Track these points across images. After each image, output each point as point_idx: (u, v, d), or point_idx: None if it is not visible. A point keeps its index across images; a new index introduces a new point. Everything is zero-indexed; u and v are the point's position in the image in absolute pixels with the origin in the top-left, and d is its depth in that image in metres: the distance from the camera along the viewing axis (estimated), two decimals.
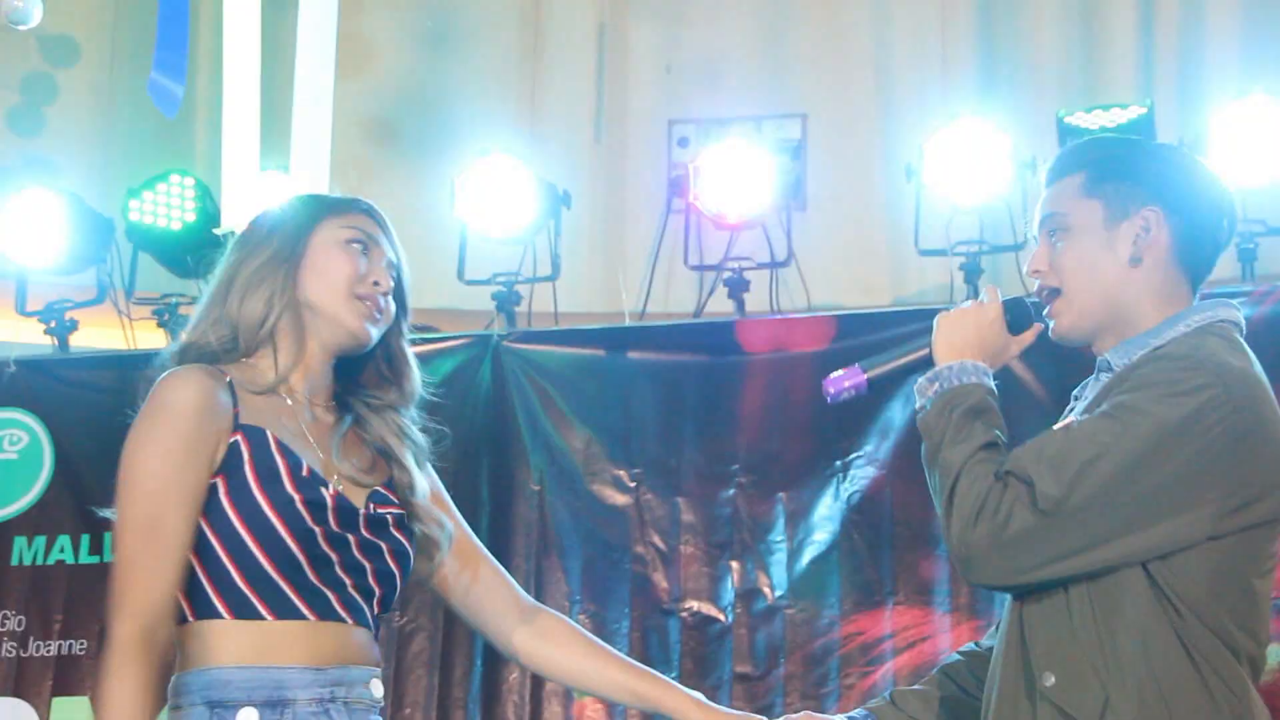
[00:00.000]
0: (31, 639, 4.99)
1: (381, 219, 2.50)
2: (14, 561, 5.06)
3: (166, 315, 5.37)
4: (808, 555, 4.64)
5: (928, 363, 2.46)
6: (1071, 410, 2.49)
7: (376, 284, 2.40)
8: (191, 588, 2.28)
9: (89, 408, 5.14)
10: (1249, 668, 2.30)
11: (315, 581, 2.30)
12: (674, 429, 4.84)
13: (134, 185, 5.42)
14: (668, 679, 2.60)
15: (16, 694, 4.94)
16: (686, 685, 4.49)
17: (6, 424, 5.19)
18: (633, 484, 4.80)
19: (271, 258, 2.39)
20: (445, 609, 2.58)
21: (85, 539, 5.02)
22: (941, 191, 5.04)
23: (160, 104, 4.52)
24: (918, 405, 2.41)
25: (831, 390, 2.53)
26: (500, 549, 4.70)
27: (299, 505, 2.28)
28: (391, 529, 2.39)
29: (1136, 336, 2.37)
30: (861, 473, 4.65)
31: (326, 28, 4.31)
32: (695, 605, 4.68)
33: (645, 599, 4.70)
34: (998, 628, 2.51)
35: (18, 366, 5.25)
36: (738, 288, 5.16)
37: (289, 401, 2.39)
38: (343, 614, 2.32)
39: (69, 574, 5.01)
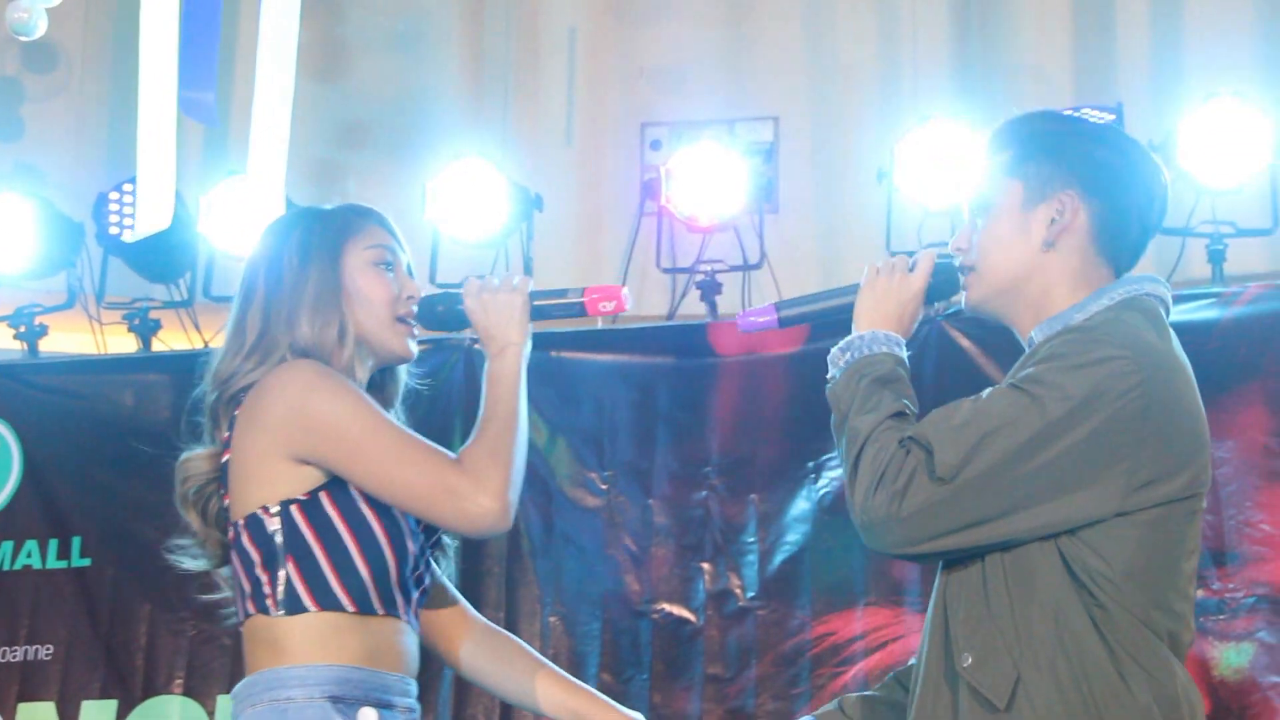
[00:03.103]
0: None
1: (386, 221, 2.59)
2: None
3: (137, 320, 5.36)
4: (779, 556, 4.64)
5: (844, 314, 2.44)
6: None
7: (410, 297, 2.52)
8: (312, 578, 2.34)
9: (58, 412, 5.13)
10: (1171, 647, 2.24)
11: (408, 584, 2.41)
12: (646, 431, 4.83)
13: (104, 190, 5.41)
14: (605, 700, 2.63)
15: None
16: (658, 687, 4.57)
17: None
18: (605, 486, 4.80)
19: (321, 289, 2.45)
20: None
21: (53, 544, 4.99)
22: (913, 193, 5.06)
23: (198, 118, 4.49)
24: (829, 375, 2.37)
25: (741, 324, 2.53)
26: (472, 552, 4.70)
27: (396, 512, 2.40)
28: (432, 545, 2.52)
29: (1060, 313, 2.34)
30: (834, 474, 4.65)
31: (288, 30, 4.29)
32: (667, 607, 4.68)
33: (617, 601, 4.70)
34: None
35: None
36: (710, 290, 5.16)
37: None
38: (413, 620, 2.45)
39: (36, 580, 4.98)
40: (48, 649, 4.93)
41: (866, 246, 5.50)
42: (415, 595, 2.46)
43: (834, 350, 2.38)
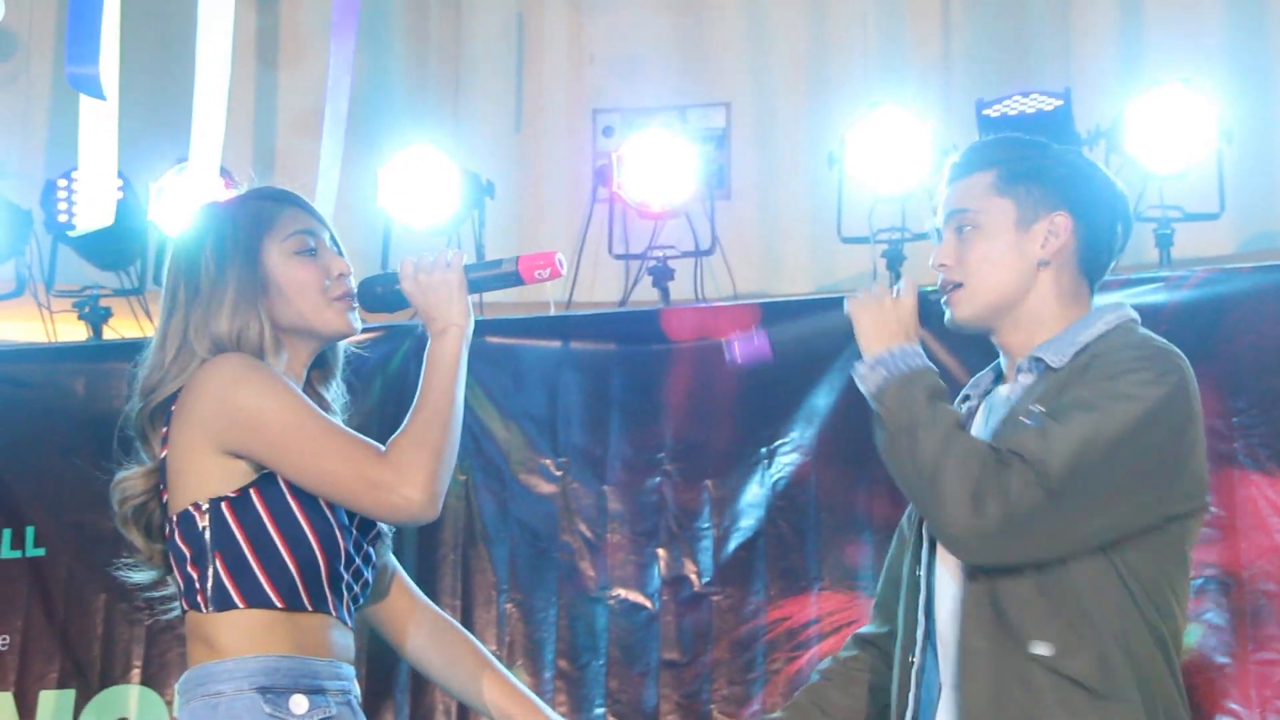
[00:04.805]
0: None
1: (302, 200, 2.58)
2: None
3: (87, 308, 5.33)
4: (734, 542, 4.66)
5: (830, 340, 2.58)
6: (969, 406, 2.57)
7: (341, 275, 2.51)
8: (240, 575, 2.35)
9: (9, 402, 5.09)
10: (1176, 648, 2.43)
11: (341, 580, 2.42)
12: (600, 418, 4.84)
13: (52, 177, 5.38)
14: (543, 708, 2.64)
15: None
16: (614, 673, 4.59)
17: None
18: (559, 473, 4.80)
19: (240, 290, 2.44)
20: None
21: (7, 534, 4.95)
22: (863, 179, 5.09)
23: (88, 91, 4.46)
24: (867, 391, 2.44)
25: (738, 355, 2.57)
26: (427, 539, 4.71)
27: (326, 510, 2.41)
28: (377, 543, 2.53)
29: (1063, 333, 2.47)
30: (787, 459, 4.67)
31: (224, 16, 4.28)
32: (622, 593, 4.70)
33: (572, 587, 4.71)
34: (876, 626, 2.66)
35: None
36: (662, 276, 5.18)
37: None
38: (347, 616, 2.45)
39: None
40: (4, 639, 4.89)
41: (818, 232, 5.53)
42: (353, 592, 2.46)
43: (862, 368, 2.46)
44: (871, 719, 2.65)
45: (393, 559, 2.66)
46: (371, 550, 2.51)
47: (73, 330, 5.42)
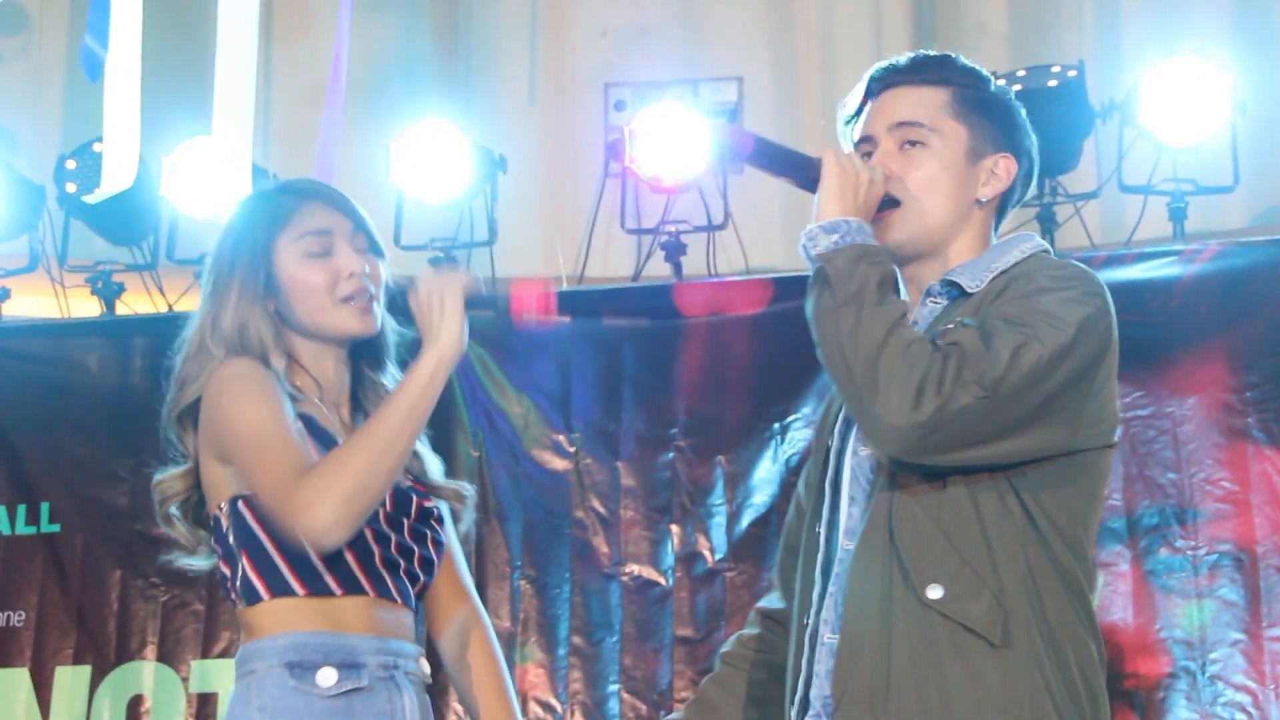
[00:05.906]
0: None
1: (326, 191, 2.56)
2: None
3: (100, 283, 5.34)
4: (747, 518, 4.66)
5: (797, 176, 2.39)
6: None
7: (352, 274, 2.47)
8: (264, 568, 2.38)
9: (22, 376, 5.10)
10: (1089, 584, 2.30)
11: (377, 560, 2.41)
12: (613, 393, 4.84)
13: (65, 152, 5.37)
14: None
15: None
16: (629, 650, 4.61)
17: None
18: (572, 449, 4.81)
19: (243, 291, 2.45)
20: None
21: (21, 509, 4.97)
22: None
23: (85, 68, 4.47)
24: (815, 251, 2.27)
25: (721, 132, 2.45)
26: None
27: None
28: (433, 521, 2.52)
29: (976, 260, 2.35)
30: (800, 435, 4.67)
31: None
32: (636, 569, 4.71)
33: (586, 564, 4.72)
34: (774, 602, 2.58)
35: None
36: (675, 251, 5.17)
37: (318, 402, 2.49)
38: (394, 594, 2.45)
39: (5, 545, 4.96)
40: (19, 616, 4.92)
41: None
42: (404, 569, 2.46)
43: (813, 228, 2.29)
44: (777, 698, 2.48)
45: (454, 544, 2.62)
46: (426, 528, 2.50)
47: (86, 305, 5.43)
